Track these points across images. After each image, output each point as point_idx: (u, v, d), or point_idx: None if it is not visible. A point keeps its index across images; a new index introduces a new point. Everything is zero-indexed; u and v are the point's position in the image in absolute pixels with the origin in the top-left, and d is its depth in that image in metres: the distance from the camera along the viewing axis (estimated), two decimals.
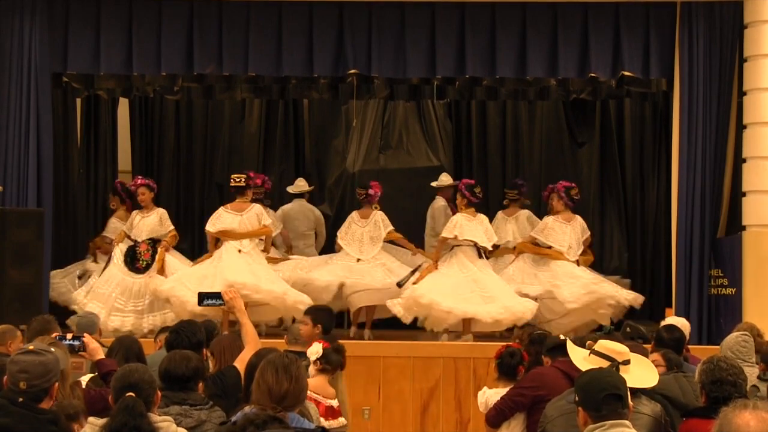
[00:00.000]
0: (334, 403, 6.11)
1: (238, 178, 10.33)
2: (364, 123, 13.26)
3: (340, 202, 13.09)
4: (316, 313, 7.01)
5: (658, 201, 12.55)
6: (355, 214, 10.79)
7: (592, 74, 10.43)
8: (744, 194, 10.15)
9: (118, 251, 10.58)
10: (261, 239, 10.42)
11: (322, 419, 5.48)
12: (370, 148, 13.37)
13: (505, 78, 11.03)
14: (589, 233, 10.78)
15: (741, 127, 10.25)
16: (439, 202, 11.62)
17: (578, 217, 10.80)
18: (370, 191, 10.71)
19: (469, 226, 10.26)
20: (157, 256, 10.41)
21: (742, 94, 10.24)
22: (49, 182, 10.37)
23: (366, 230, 10.62)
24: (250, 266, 10.03)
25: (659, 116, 12.40)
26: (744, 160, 10.17)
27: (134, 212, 10.80)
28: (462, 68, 10.46)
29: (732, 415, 3.00)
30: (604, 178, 13.09)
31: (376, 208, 10.75)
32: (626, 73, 10.41)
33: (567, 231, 10.64)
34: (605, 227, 12.88)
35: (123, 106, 13.15)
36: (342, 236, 10.71)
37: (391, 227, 10.66)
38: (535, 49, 10.37)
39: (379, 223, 10.62)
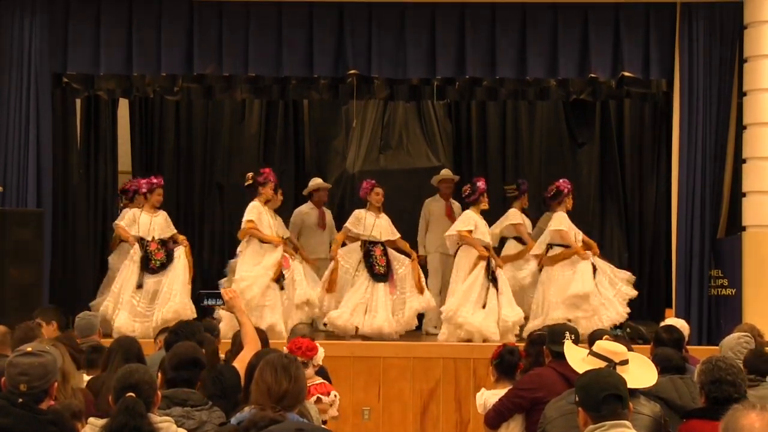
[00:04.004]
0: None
1: (249, 176, 10.39)
2: (364, 123, 13.26)
3: (340, 202, 13.08)
4: (44, 313, 7.23)
5: (658, 201, 12.54)
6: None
7: (592, 75, 10.44)
8: (744, 195, 10.15)
9: (137, 254, 10.49)
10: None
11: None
12: (370, 148, 13.36)
13: (505, 78, 11.02)
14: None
15: (741, 127, 10.25)
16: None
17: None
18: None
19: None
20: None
21: (742, 94, 10.25)
22: (49, 182, 10.38)
23: None
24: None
25: (659, 117, 12.39)
26: (744, 161, 10.18)
27: (137, 211, 10.73)
28: (462, 69, 10.46)
29: (738, 415, 3.01)
30: (604, 179, 13.08)
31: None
32: (626, 74, 10.41)
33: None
34: (605, 227, 12.87)
35: (123, 107, 13.14)
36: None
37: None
38: (535, 50, 10.37)
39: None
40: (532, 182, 12.34)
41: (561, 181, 10.84)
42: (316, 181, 11.86)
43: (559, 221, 10.45)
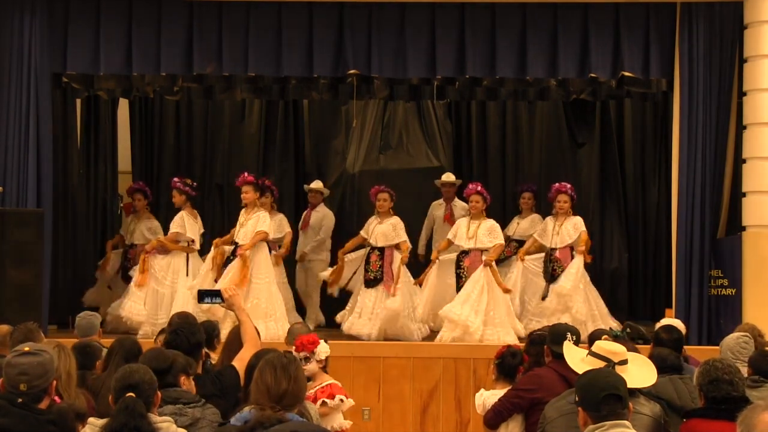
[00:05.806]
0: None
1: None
2: (364, 123, 13.26)
3: (340, 202, 13.09)
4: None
5: (658, 201, 12.55)
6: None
7: (592, 74, 10.43)
8: (744, 195, 10.15)
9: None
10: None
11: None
12: (370, 148, 13.36)
13: (505, 78, 11.03)
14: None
15: (741, 127, 10.25)
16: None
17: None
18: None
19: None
20: None
21: (742, 94, 10.24)
22: (49, 182, 10.37)
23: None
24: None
25: (659, 116, 12.39)
26: (744, 161, 10.18)
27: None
28: (462, 68, 10.46)
29: (753, 413, 3.13)
30: (604, 179, 13.09)
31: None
32: (626, 74, 10.41)
33: None
34: (605, 228, 12.88)
35: (123, 107, 13.15)
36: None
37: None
38: (535, 50, 10.37)
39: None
40: (532, 182, 12.35)
41: None
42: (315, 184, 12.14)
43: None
